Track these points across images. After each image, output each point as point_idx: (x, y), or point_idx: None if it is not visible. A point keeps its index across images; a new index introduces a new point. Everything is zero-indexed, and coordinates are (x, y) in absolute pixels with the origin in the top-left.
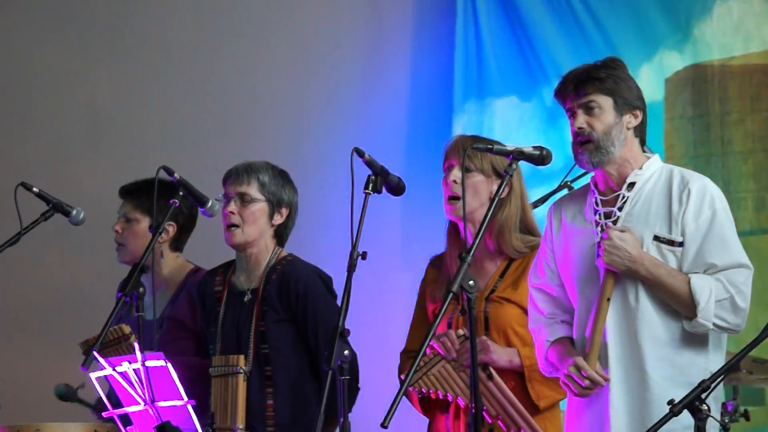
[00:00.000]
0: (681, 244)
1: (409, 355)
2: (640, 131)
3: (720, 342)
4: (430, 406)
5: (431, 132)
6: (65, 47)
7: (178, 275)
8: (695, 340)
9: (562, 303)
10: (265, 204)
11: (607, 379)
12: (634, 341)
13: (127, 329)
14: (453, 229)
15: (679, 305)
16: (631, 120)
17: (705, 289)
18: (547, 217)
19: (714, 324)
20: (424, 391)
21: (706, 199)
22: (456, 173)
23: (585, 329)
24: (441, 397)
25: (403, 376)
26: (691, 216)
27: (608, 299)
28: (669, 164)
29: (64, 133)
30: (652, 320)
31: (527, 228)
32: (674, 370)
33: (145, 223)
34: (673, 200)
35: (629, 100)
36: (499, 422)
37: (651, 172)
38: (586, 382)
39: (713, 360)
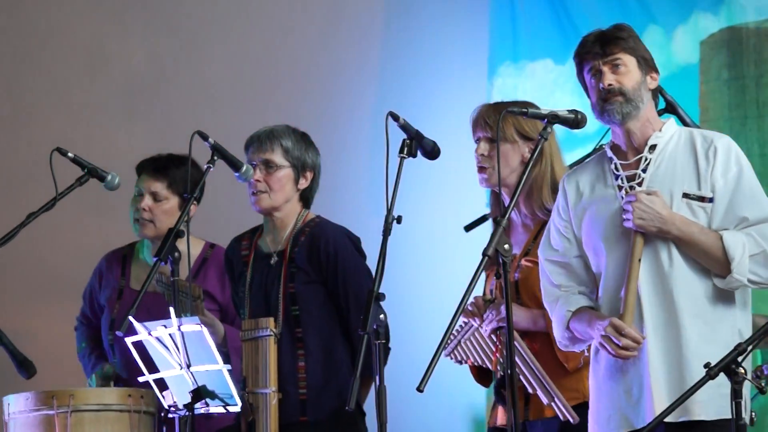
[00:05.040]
0: (711, 200)
1: None
2: (655, 96)
3: (746, 300)
4: (484, 374)
5: (466, 95)
6: (100, 14)
7: (194, 249)
8: (725, 297)
9: (578, 274)
10: (290, 169)
11: (643, 337)
12: (669, 299)
13: (199, 290)
14: (495, 198)
15: (711, 262)
16: (651, 82)
17: (738, 245)
18: (560, 190)
19: (748, 279)
20: (461, 361)
21: (732, 155)
22: (482, 146)
23: (616, 292)
24: (477, 365)
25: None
26: (720, 172)
27: (639, 260)
28: (684, 127)
29: (99, 100)
30: (686, 278)
31: (556, 188)
32: (707, 327)
33: (174, 201)
34: (699, 158)
35: (649, 61)
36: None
37: (670, 133)
38: (625, 341)
39: (740, 318)
